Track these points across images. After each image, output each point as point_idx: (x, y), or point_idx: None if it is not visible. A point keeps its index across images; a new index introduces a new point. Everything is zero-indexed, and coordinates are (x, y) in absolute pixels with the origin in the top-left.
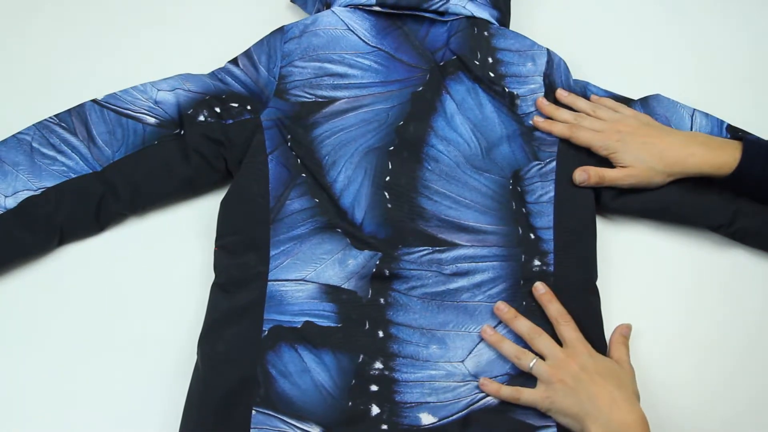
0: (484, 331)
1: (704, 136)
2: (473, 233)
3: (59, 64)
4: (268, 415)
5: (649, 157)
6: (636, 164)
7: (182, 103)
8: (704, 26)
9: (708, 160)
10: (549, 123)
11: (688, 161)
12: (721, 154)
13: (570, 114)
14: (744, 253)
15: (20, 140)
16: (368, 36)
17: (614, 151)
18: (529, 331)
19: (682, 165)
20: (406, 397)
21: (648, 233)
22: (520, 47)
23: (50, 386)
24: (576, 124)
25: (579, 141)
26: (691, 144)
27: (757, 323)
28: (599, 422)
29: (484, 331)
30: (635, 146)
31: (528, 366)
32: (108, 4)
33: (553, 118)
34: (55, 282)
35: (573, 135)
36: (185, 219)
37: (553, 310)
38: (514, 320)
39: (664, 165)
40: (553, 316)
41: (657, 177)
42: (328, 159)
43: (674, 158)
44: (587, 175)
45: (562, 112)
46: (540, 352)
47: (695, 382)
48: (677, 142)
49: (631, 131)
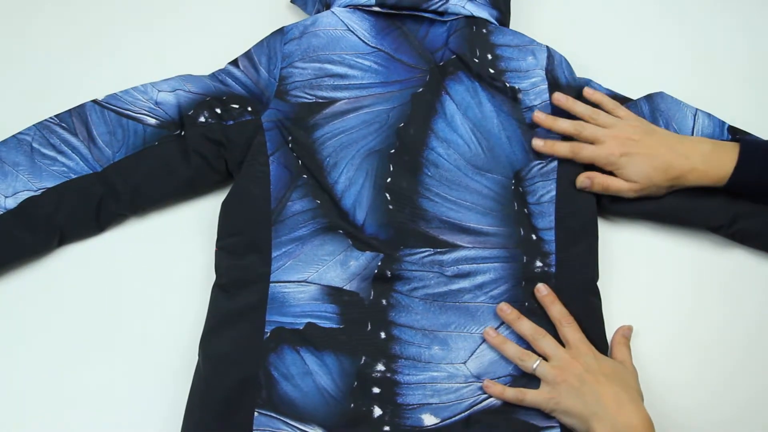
0: (486, 333)
1: (705, 145)
2: (475, 235)
3: (59, 64)
4: (270, 417)
5: (654, 173)
6: (640, 180)
7: (183, 104)
8: (704, 25)
9: (708, 174)
10: (550, 145)
11: (689, 177)
12: (721, 168)
13: (569, 124)
14: (744, 253)
15: (20, 140)
16: (368, 36)
17: (619, 168)
18: (532, 332)
19: (683, 180)
20: (408, 399)
21: (648, 233)
22: (519, 42)
23: (51, 387)
24: (578, 144)
25: (583, 160)
26: (692, 157)
27: (757, 323)
28: (605, 422)
29: (487, 333)
30: (639, 162)
31: (531, 367)
32: (108, 4)
33: (552, 130)
34: (55, 282)
35: (576, 156)
36: (185, 220)
37: (555, 311)
38: (517, 321)
39: (667, 180)
40: (556, 318)
41: (660, 191)
42: (330, 160)
43: (676, 174)
44: (590, 183)
45: (561, 122)
46: (543, 353)
47: (695, 382)
48: (680, 157)
49: (634, 144)
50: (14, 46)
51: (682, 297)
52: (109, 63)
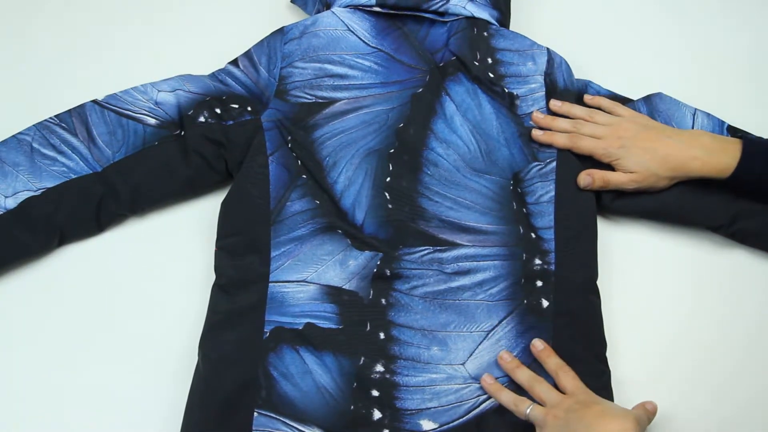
0: (483, 380)
1: (706, 136)
2: (474, 233)
3: (59, 64)
4: (269, 417)
5: (652, 162)
6: (639, 170)
7: (183, 104)
8: (704, 25)
9: (710, 163)
10: (549, 135)
11: (691, 165)
12: (723, 157)
13: (568, 122)
14: (744, 253)
15: (20, 141)
16: (368, 37)
17: (617, 158)
18: (529, 379)
19: (684, 169)
20: (407, 403)
21: (648, 233)
22: (519, 47)
23: (51, 387)
24: (576, 133)
25: (581, 150)
26: (692, 146)
27: (757, 323)
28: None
29: (484, 380)
30: (638, 152)
31: (525, 412)
32: (107, 4)
33: (551, 129)
34: (55, 282)
35: (574, 145)
36: (185, 220)
37: (552, 363)
38: (516, 370)
39: (667, 169)
40: (553, 369)
41: (661, 181)
42: (329, 160)
43: (677, 162)
44: (591, 179)
45: (560, 121)
46: (539, 398)
47: (695, 382)
48: (679, 146)
49: (632, 135)
50: (14, 47)
51: (681, 297)
52: (109, 63)
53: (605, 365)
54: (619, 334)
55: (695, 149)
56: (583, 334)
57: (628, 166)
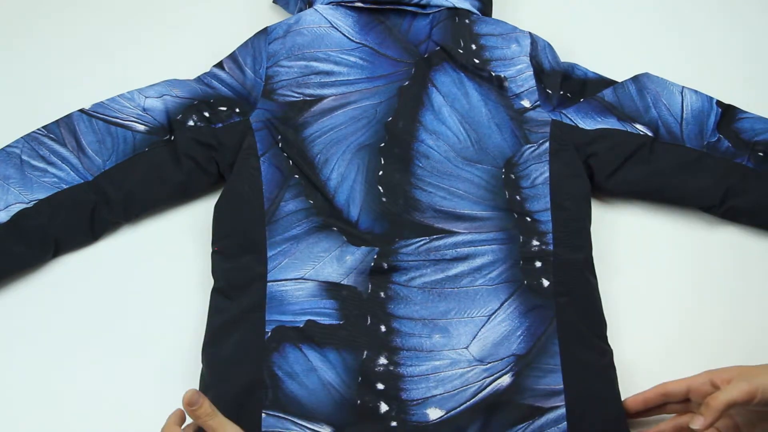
0: None
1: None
2: (470, 221)
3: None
4: (278, 418)
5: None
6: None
7: (171, 109)
8: (689, 8)
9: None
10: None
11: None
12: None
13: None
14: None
15: (9, 153)
16: (352, 32)
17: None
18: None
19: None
20: (412, 393)
21: (644, 216)
22: (502, 31)
23: (49, 399)
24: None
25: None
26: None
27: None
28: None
29: None
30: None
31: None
32: (89, 10)
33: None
34: (52, 292)
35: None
36: (180, 225)
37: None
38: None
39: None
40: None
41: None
42: (320, 157)
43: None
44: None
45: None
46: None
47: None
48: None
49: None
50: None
51: (678, 276)
52: (92, 68)
53: (607, 344)
54: (616, 315)
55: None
56: (584, 313)
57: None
